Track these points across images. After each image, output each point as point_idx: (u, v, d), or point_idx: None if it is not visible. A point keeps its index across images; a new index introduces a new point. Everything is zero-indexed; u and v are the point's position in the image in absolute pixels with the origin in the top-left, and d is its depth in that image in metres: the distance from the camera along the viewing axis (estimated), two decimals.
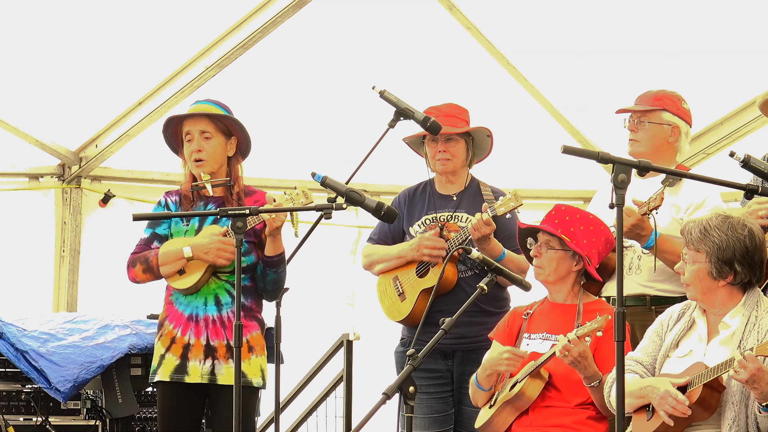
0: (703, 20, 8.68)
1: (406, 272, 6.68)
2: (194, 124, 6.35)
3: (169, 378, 6.23)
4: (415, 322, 6.63)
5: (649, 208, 5.93)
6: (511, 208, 6.40)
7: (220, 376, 6.21)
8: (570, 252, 5.97)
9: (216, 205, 6.32)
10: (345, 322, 9.59)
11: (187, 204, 6.37)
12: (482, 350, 6.43)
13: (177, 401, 6.26)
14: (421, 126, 6.36)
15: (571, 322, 5.88)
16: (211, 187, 6.30)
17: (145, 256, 6.32)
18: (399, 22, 8.88)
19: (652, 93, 6.41)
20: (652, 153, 6.28)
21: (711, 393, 5.22)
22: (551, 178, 9.85)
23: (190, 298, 6.27)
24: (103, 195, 9.43)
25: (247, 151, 6.45)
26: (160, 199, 6.50)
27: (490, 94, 9.16)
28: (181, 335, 6.25)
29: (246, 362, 6.23)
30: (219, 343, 6.22)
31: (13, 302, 8.82)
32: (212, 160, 6.34)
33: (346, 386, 8.88)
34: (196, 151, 6.31)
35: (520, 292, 5.80)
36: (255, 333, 6.30)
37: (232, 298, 6.26)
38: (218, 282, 6.28)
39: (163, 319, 6.34)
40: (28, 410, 7.24)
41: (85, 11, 8.49)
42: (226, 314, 6.24)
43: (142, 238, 6.43)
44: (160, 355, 6.28)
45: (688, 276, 5.45)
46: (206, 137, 6.34)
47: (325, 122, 9.20)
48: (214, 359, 6.21)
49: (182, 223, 6.35)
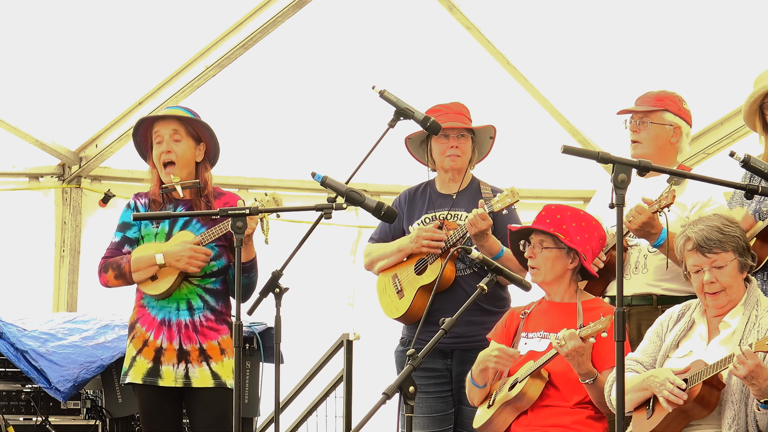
0: (703, 20, 8.68)
1: (405, 270, 6.69)
2: (164, 126, 6.42)
3: (141, 380, 6.32)
4: (412, 319, 6.63)
5: (661, 206, 5.94)
6: (507, 204, 6.39)
7: (195, 378, 6.29)
8: (564, 249, 5.97)
9: (185, 207, 6.38)
10: (345, 322, 9.59)
11: (156, 207, 6.44)
12: (482, 350, 6.43)
13: (155, 403, 6.35)
14: (421, 126, 6.35)
15: (569, 320, 5.88)
16: (181, 189, 6.33)
17: (117, 262, 6.41)
18: (399, 22, 8.88)
19: (653, 93, 6.41)
20: (655, 154, 6.28)
21: (710, 390, 5.22)
22: (551, 178, 9.84)
23: (163, 302, 6.36)
24: (103, 195, 9.43)
25: (215, 159, 6.52)
26: (129, 201, 6.58)
27: (490, 94, 9.15)
28: (154, 339, 6.33)
29: (219, 364, 6.32)
30: (192, 347, 6.31)
31: (13, 302, 8.82)
32: (182, 162, 6.41)
33: (346, 386, 8.86)
34: (165, 152, 6.39)
35: (520, 291, 5.80)
36: (225, 336, 6.39)
37: (204, 302, 6.36)
38: (190, 287, 6.36)
39: (135, 321, 6.42)
40: (28, 410, 7.25)
41: (85, 11, 8.49)
42: (198, 318, 6.34)
43: (113, 242, 6.51)
44: (132, 357, 6.36)
45: (727, 278, 5.45)
46: (176, 139, 6.42)
47: (325, 122, 9.19)
48: (187, 363, 6.30)
49: (152, 226, 6.42)
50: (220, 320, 6.39)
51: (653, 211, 5.96)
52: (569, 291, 6.04)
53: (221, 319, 6.40)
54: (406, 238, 6.69)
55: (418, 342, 6.64)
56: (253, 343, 7.57)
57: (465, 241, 6.53)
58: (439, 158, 6.73)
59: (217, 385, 6.31)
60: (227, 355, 6.35)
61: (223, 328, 6.39)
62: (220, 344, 6.35)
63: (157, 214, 6.38)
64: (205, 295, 6.37)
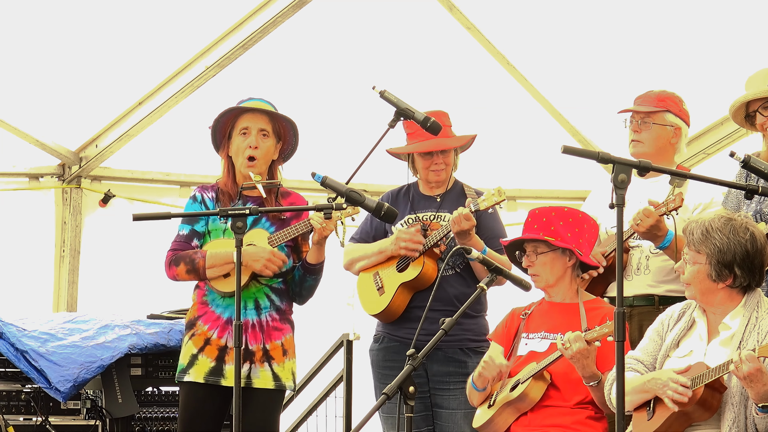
0: (703, 20, 8.68)
1: (387, 268, 6.67)
2: (254, 120, 6.32)
3: (203, 379, 6.22)
4: (391, 316, 6.62)
5: (668, 209, 5.94)
6: (494, 203, 6.37)
7: (256, 380, 6.21)
8: (559, 250, 5.98)
9: (255, 204, 6.24)
10: (345, 322, 9.59)
11: (226, 201, 6.32)
12: (457, 350, 6.43)
13: (205, 402, 6.25)
14: (422, 126, 6.36)
15: (571, 321, 5.88)
16: (263, 188, 6.25)
17: (190, 256, 6.25)
18: (399, 22, 8.88)
19: (654, 93, 6.41)
20: (655, 154, 6.29)
21: (712, 393, 5.21)
22: (551, 178, 9.84)
23: (229, 300, 6.24)
24: (103, 195, 9.43)
25: (288, 156, 6.43)
26: (194, 194, 6.43)
27: (490, 94, 9.16)
28: (217, 337, 6.23)
29: (280, 366, 6.26)
30: (257, 347, 6.22)
31: (13, 302, 8.81)
32: (263, 160, 6.31)
33: (346, 386, 8.88)
34: (253, 147, 6.26)
35: (520, 293, 5.78)
36: (288, 336, 6.32)
37: (270, 301, 6.28)
38: (258, 286, 6.27)
39: (195, 318, 6.30)
40: (28, 410, 7.24)
41: (85, 11, 8.49)
42: (264, 318, 6.25)
43: (180, 235, 6.36)
44: (192, 354, 6.25)
45: (687, 276, 5.44)
46: (264, 135, 6.31)
47: (325, 122, 9.19)
48: (251, 363, 6.20)
49: (220, 221, 6.28)
50: (284, 319, 6.30)
51: (660, 214, 5.96)
52: (570, 291, 6.04)
53: (285, 318, 6.32)
54: (387, 240, 6.67)
55: (388, 337, 6.67)
56: None
57: (448, 241, 6.53)
58: (423, 171, 6.71)
59: (277, 387, 6.22)
60: (289, 357, 6.27)
61: (286, 327, 6.30)
62: (283, 344, 6.26)
63: (157, 214, 6.35)
64: (272, 295, 6.28)
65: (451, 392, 6.52)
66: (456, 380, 6.50)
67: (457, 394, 6.49)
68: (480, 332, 6.60)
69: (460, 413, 6.49)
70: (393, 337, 6.65)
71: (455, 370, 6.52)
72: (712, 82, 8.69)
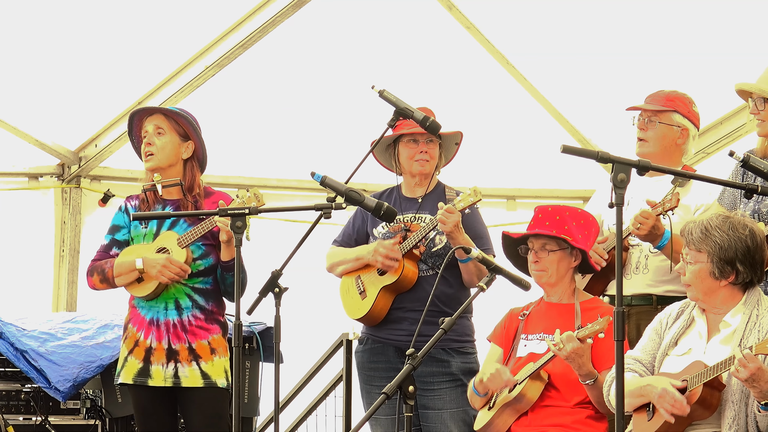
0: (704, 21, 8.68)
1: (369, 272, 6.67)
2: (150, 121, 6.46)
3: (132, 381, 6.33)
4: (374, 320, 6.62)
5: (665, 209, 5.94)
6: (470, 203, 6.35)
7: (184, 378, 6.29)
8: (568, 250, 5.97)
9: (173, 207, 6.37)
10: (345, 321, 9.57)
11: (144, 207, 6.44)
12: (440, 350, 6.41)
13: (148, 404, 6.35)
14: (421, 125, 6.35)
15: (568, 321, 5.88)
16: (161, 188, 6.33)
17: (101, 266, 6.42)
18: (399, 22, 8.88)
19: (664, 93, 6.39)
20: (660, 153, 6.28)
21: (711, 392, 5.22)
22: (551, 178, 9.84)
23: (151, 303, 6.36)
24: (103, 195, 9.43)
25: (203, 158, 6.49)
26: (121, 204, 6.59)
27: (490, 94, 9.16)
28: (144, 338, 6.34)
29: (209, 364, 6.32)
30: (181, 346, 6.31)
31: (13, 302, 8.82)
32: (161, 154, 6.39)
33: (346, 386, 8.86)
34: (146, 144, 6.40)
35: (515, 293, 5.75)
36: (216, 336, 6.38)
37: (192, 301, 6.35)
38: (178, 286, 6.36)
39: (128, 321, 6.44)
40: (28, 410, 7.25)
41: (84, 11, 8.49)
42: (186, 318, 6.34)
43: (102, 245, 6.53)
44: (124, 357, 6.37)
45: (689, 276, 5.44)
46: (159, 132, 6.41)
47: (325, 122, 9.19)
48: (176, 362, 6.29)
49: (141, 227, 6.42)
50: (210, 319, 6.37)
51: (657, 214, 5.96)
52: (568, 291, 6.04)
53: (212, 319, 6.38)
54: (366, 248, 6.66)
55: (372, 338, 6.67)
56: (252, 343, 7.57)
57: (427, 242, 6.52)
58: (407, 162, 6.69)
59: (207, 384, 6.29)
60: (218, 355, 6.34)
61: (213, 327, 6.37)
62: (210, 343, 6.33)
63: (156, 214, 6.37)
64: (194, 295, 6.36)
65: (436, 392, 6.52)
66: (440, 380, 6.50)
67: (441, 394, 6.50)
68: (463, 333, 6.60)
69: (446, 413, 6.49)
70: (375, 338, 6.67)
71: (438, 369, 6.51)
72: (712, 82, 8.68)
